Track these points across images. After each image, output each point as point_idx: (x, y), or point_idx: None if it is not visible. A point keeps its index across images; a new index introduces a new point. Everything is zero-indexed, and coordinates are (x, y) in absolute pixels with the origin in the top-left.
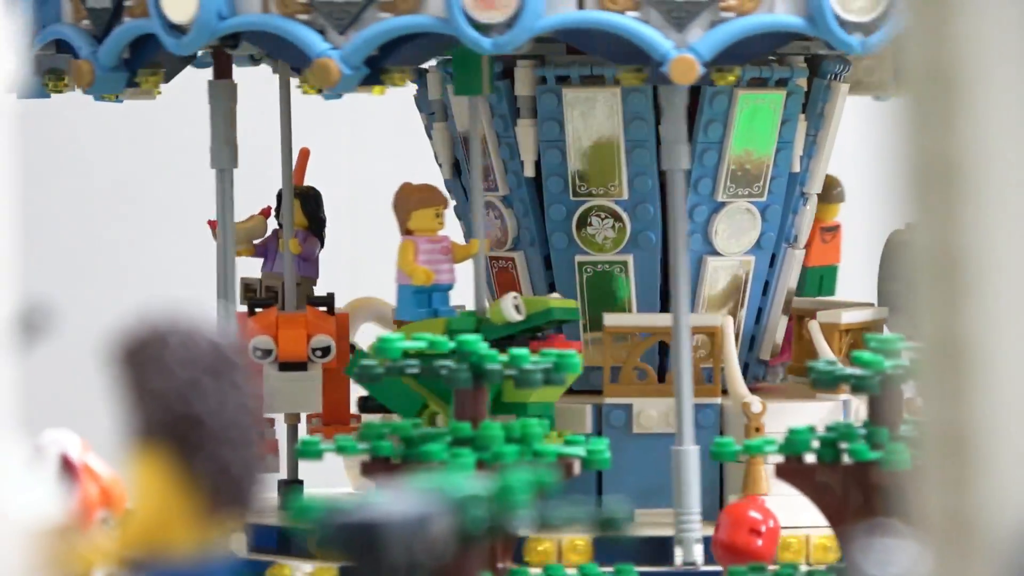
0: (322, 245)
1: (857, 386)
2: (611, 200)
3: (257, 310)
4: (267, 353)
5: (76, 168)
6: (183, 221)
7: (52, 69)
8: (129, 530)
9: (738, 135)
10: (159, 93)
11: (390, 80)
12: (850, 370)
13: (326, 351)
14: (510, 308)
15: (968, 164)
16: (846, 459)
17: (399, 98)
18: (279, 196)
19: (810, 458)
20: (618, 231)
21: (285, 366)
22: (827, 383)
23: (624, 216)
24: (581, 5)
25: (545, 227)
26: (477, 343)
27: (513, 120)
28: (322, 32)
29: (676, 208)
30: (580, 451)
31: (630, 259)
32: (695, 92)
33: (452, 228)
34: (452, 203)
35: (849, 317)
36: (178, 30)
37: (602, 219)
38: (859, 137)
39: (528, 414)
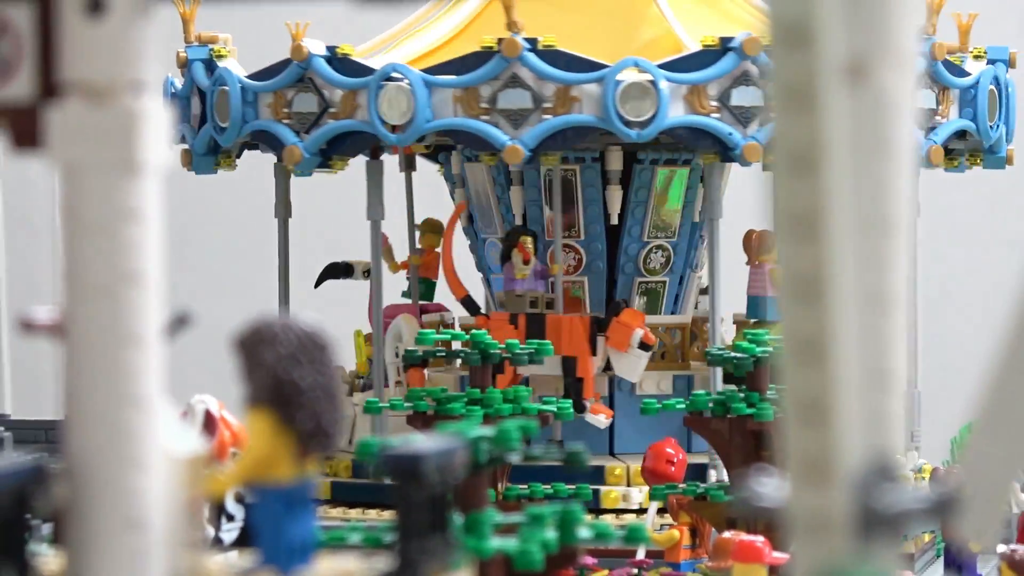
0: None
1: (737, 364)
2: (573, 240)
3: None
4: None
5: (237, 220)
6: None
7: (224, 150)
8: (248, 462)
9: (657, 197)
10: (341, 168)
11: (546, 161)
12: (733, 353)
13: None
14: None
15: (821, 214)
16: (731, 414)
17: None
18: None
19: (707, 413)
20: (577, 261)
21: None
22: (719, 362)
23: (581, 251)
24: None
25: None
26: (484, 336)
27: (507, 186)
28: (497, 126)
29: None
30: (553, 408)
31: (585, 280)
32: (628, 168)
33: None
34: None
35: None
36: (395, 129)
37: (566, 253)
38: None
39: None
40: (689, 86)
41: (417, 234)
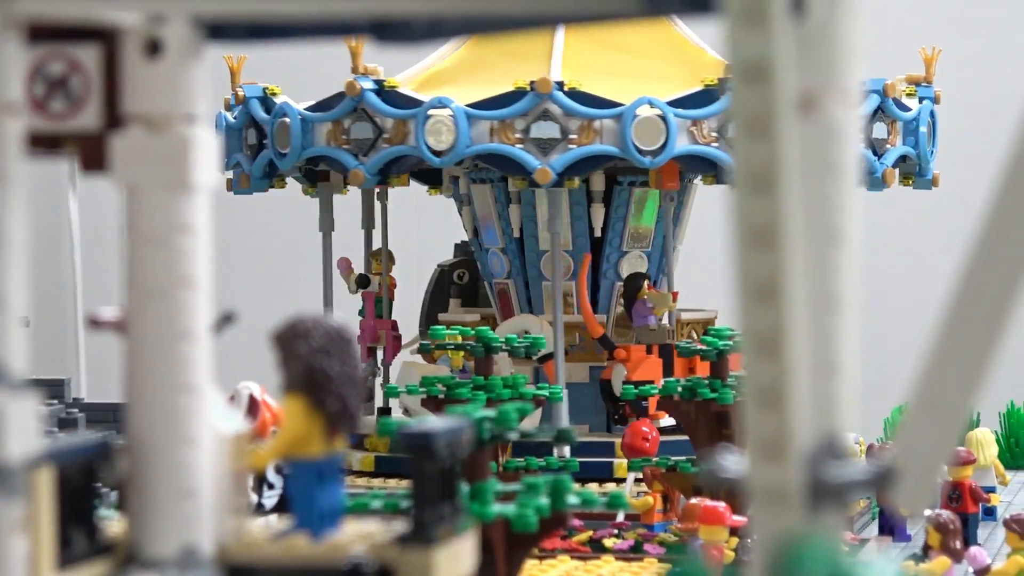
0: None
1: (703, 355)
2: (563, 251)
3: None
4: None
5: (275, 232)
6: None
7: (279, 173)
8: (285, 439)
9: (634, 214)
10: (401, 185)
11: (569, 183)
12: (699, 346)
13: None
14: None
15: (777, 227)
16: (697, 398)
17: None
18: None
19: (677, 397)
20: (566, 268)
21: None
22: (688, 354)
23: (570, 259)
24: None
25: (525, 264)
26: (487, 331)
27: (507, 204)
28: (530, 153)
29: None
30: (545, 392)
31: (571, 286)
32: (609, 189)
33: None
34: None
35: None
36: (439, 154)
37: (559, 259)
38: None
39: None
40: (692, 120)
41: (373, 261)
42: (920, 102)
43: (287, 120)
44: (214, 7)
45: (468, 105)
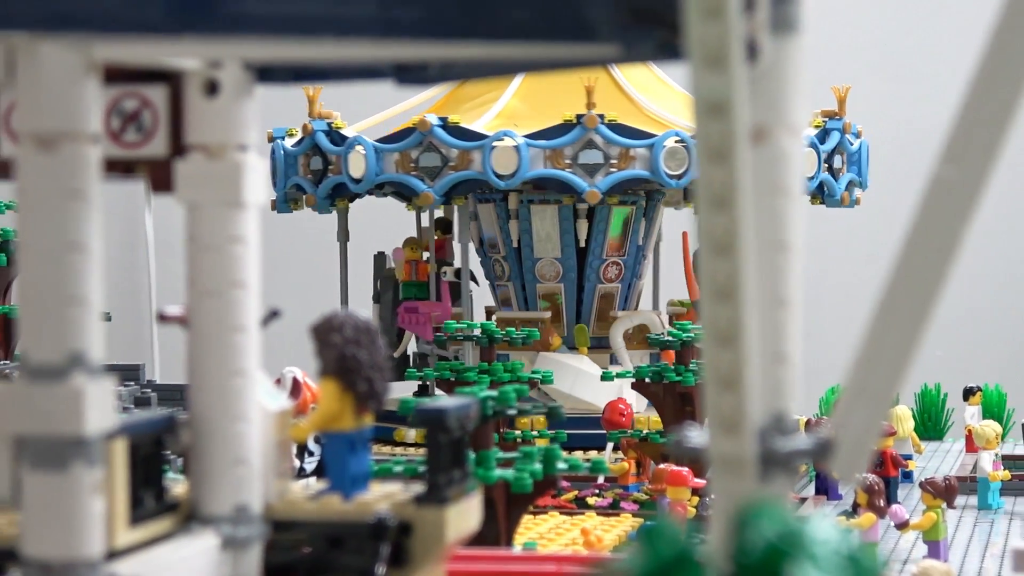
0: None
1: (669, 345)
2: (552, 258)
3: None
4: None
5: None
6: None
7: (349, 194)
8: (321, 415)
9: (613, 227)
10: (461, 204)
11: (611, 201)
12: (666, 338)
13: None
14: None
15: (734, 238)
16: (664, 380)
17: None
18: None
19: (648, 380)
20: (556, 272)
21: None
22: (658, 344)
23: (560, 265)
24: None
25: (522, 270)
26: (491, 325)
27: (507, 220)
28: (579, 176)
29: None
30: (539, 376)
31: (561, 287)
32: (591, 208)
33: (476, 271)
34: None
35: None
36: (503, 178)
37: (551, 266)
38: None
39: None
40: None
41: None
42: (827, 134)
43: (361, 150)
44: (262, 53)
45: (525, 136)
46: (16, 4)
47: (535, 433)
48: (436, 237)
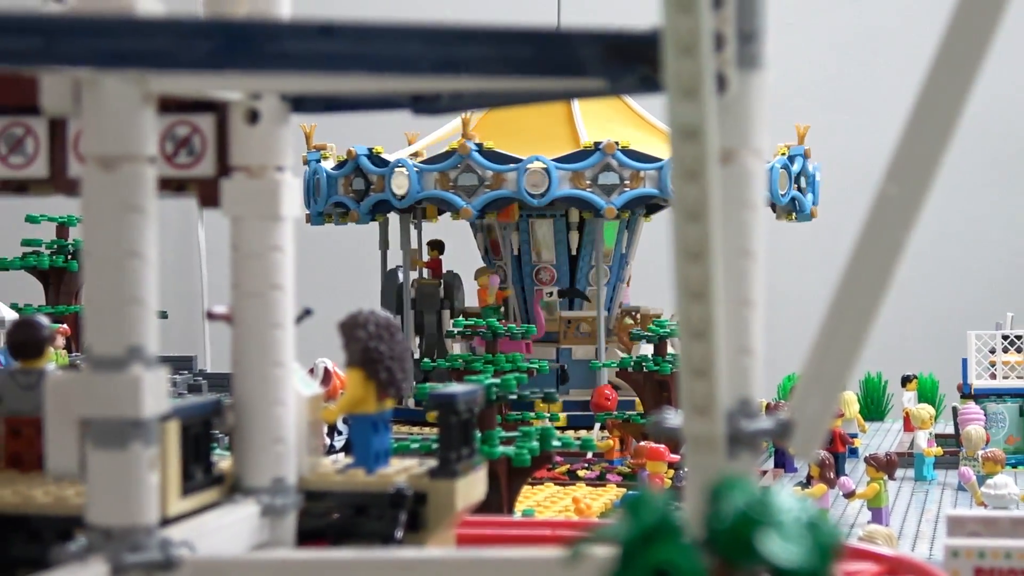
0: None
1: (649, 339)
2: (548, 264)
3: None
4: None
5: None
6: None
7: (391, 209)
8: (348, 400)
9: (599, 238)
10: (493, 219)
11: (622, 215)
12: (646, 332)
13: None
14: None
15: (706, 247)
16: (644, 370)
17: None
18: None
19: (630, 369)
20: (550, 277)
21: None
22: (638, 338)
23: (554, 271)
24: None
25: (522, 275)
26: (494, 322)
27: (508, 232)
28: (598, 195)
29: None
30: (536, 365)
31: (555, 290)
32: (582, 220)
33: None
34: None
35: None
36: (535, 196)
37: (546, 272)
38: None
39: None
40: None
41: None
42: (791, 160)
43: (403, 170)
44: (297, 86)
45: (553, 160)
46: (81, 43)
47: (532, 416)
48: (432, 256)
